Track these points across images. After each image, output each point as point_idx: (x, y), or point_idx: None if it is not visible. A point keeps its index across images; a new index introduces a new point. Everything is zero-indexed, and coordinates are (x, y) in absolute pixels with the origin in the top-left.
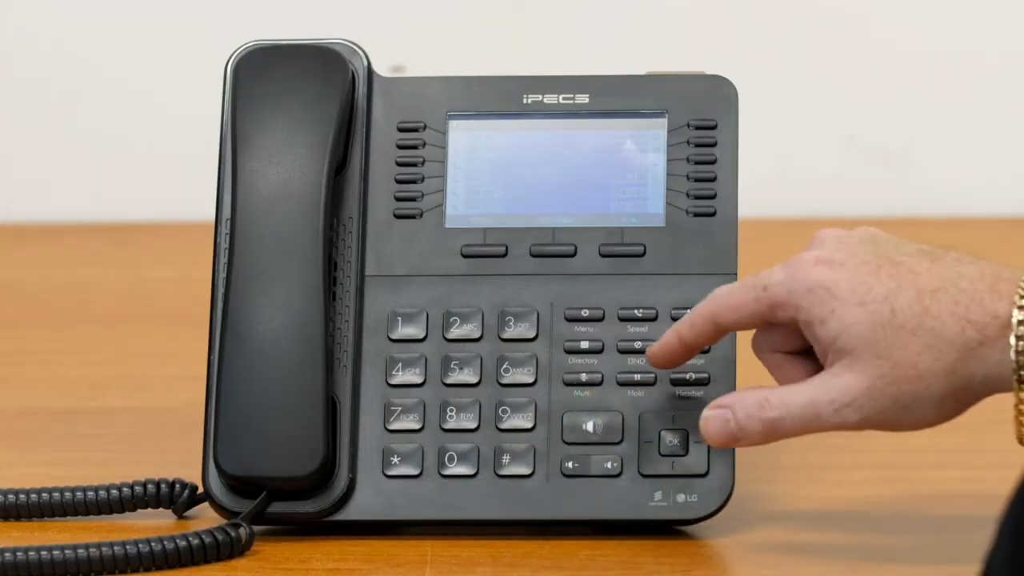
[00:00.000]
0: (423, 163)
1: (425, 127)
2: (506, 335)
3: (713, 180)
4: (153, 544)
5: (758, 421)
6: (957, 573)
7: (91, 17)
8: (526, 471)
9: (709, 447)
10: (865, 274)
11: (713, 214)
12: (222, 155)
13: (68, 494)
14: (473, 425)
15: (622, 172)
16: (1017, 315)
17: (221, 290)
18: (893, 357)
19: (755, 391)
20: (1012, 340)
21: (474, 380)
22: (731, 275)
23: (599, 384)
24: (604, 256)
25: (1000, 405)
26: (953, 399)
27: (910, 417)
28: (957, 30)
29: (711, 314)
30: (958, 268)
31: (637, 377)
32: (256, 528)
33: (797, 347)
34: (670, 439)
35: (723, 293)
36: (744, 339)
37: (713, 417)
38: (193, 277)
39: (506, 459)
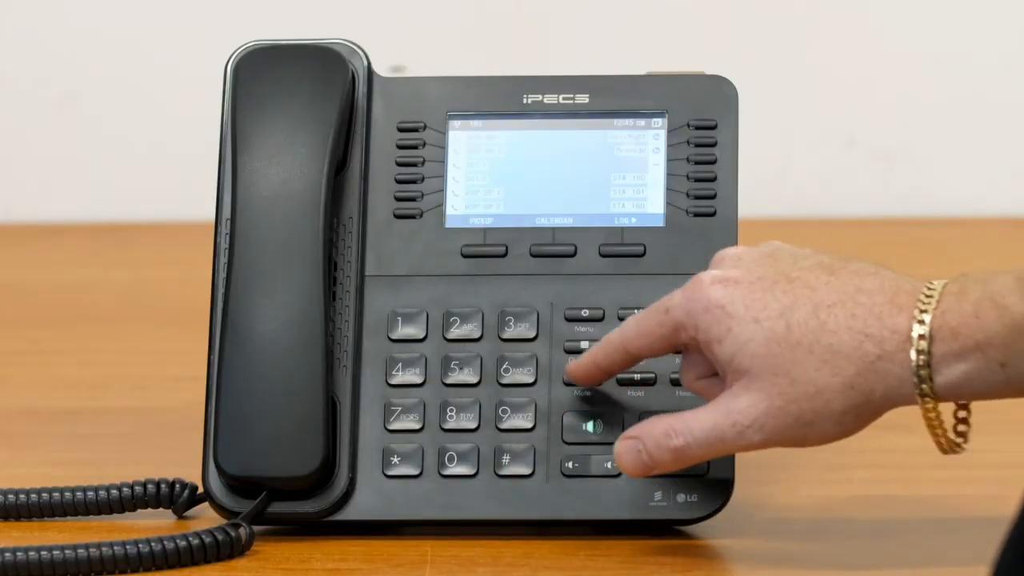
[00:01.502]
0: (423, 163)
1: (425, 127)
2: (506, 335)
3: (713, 180)
4: (153, 544)
5: (666, 451)
6: (956, 573)
7: (91, 17)
8: (526, 471)
9: None
10: (760, 291)
11: (713, 214)
12: (222, 155)
13: (68, 494)
14: (473, 425)
15: (622, 172)
16: (917, 329)
17: (221, 290)
18: (791, 374)
19: (662, 419)
20: (913, 355)
21: (474, 380)
22: None
23: (599, 384)
24: (604, 256)
25: (1000, 406)
26: (854, 414)
27: (813, 433)
28: (957, 30)
29: (622, 343)
30: (856, 281)
31: (637, 377)
32: (256, 528)
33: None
34: None
35: (632, 321)
36: None
37: (625, 450)
38: (193, 277)
39: (506, 459)
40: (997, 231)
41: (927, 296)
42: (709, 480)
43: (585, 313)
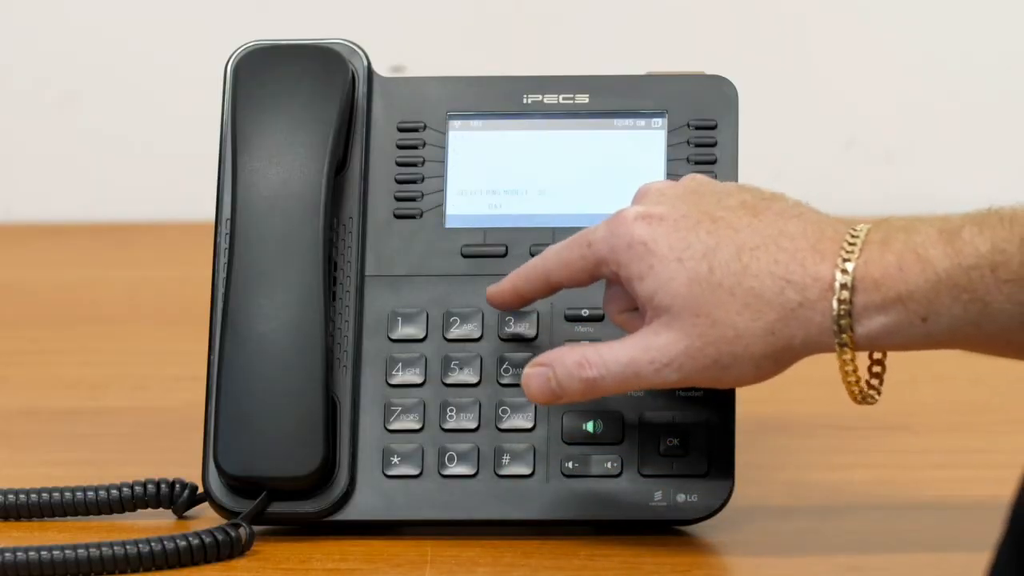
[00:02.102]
0: (423, 163)
1: (425, 127)
2: (506, 335)
3: None
4: (153, 544)
5: (578, 380)
6: (956, 570)
7: (91, 17)
8: (526, 471)
9: (708, 447)
10: (684, 230)
11: None
12: (222, 155)
13: (68, 494)
14: (473, 425)
15: (622, 172)
16: (840, 278)
17: (221, 290)
18: (712, 316)
19: (575, 348)
20: (834, 304)
21: (474, 380)
22: None
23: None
24: None
25: (1003, 406)
26: (772, 359)
27: (730, 376)
28: (957, 30)
29: (544, 271)
30: (779, 224)
31: (585, 313)
32: (256, 528)
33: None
34: (670, 439)
35: (554, 252)
36: None
37: (534, 375)
38: (193, 277)
39: (506, 459)
40: None
41: (850, 244)
42: (709, 480)
43: (585, 313)
